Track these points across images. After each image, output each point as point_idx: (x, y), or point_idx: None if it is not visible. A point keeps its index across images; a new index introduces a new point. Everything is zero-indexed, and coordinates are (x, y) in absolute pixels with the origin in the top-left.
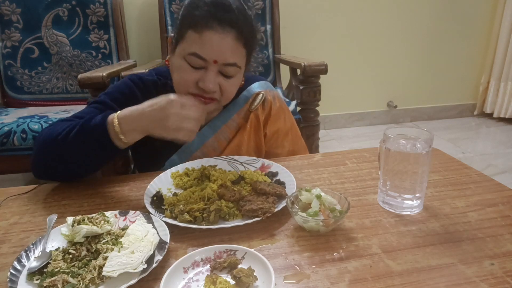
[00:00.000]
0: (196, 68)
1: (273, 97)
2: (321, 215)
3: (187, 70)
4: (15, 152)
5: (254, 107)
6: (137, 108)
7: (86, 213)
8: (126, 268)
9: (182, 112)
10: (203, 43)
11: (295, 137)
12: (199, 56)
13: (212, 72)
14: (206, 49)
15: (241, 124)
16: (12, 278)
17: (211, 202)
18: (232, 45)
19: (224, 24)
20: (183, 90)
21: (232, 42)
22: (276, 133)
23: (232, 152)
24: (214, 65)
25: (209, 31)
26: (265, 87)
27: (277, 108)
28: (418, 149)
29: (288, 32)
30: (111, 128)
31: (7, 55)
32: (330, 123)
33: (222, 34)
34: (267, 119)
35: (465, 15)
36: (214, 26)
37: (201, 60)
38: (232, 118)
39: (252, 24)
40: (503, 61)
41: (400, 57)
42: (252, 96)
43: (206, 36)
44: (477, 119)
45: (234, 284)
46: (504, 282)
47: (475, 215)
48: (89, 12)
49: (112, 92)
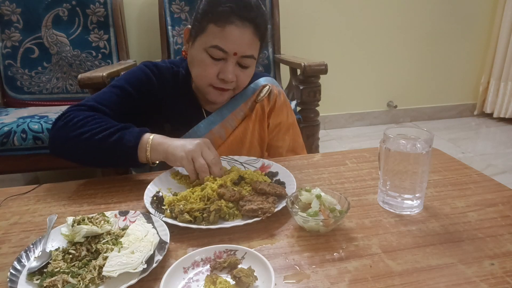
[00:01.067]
0: (217, 60)
1: (279, 92)
2: (321, 215)
3: (208, 63)
4: (15, 152)
5: (260, 98)
6: (169, 145)
7: (86, 213)
8: (126, 268)
9: (206, 154)
10: (225, 37)
11: (296, 134)
12: (221, 49)
13: (232, 64)
14: (228, 42)
15: (247, 114)
16: (12, 278)
17: (211, 202)
18: (250, 39)
19: (244, 20)
20: (205, 83)
21: (250, 36)
22: (278, 126)
23: (236, 139)
24: (234, 57)
25: (230, 26)
26: (271, 82)
27: (281, 102)
28: (418, 149)
29: (288, 32)
30: (142, 149)
31: (7, 55)
32: (330, 123)
33: (242, 29)
34: (271, 111)
35: (465, 15)
36: (235, 22)
37: (222, 52)
38: (240, 107)
39: (266, 19)
40: (503, 61)
41: (400, 57)
42: (259, 88)
43: (228, 31)
44: (477, 119)
45: (234, 284)
46: (504, 282)
47: (475, 215)
48: (89, 12)
49: (130, 78)
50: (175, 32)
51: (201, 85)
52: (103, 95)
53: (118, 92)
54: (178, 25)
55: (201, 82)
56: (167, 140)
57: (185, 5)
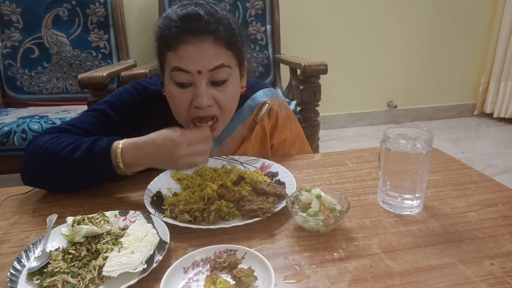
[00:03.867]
0: (185, 86)
1: (279, 106)
2: (321, 215)
3: (177, 93)
4: (15, 152)
5: (259, 118)
6: (140, 146)
7: (86, 213)
8: (126, 268)
9: (191, 151)
10: (181, 58)
11: (302, 143)
12: (181, 69)
13: (201, 85)
14: (186, 63)
15: (246, 135)
16: (12, 278)
17: (211, 202)
18: (212, 50)
19: (196, 33)
20: (183, 118)
21: (211, 47)
22: (283, 143)
23: None
24: (200, 76)
25: (183, 45)
26: (270, 95)
27: (283, 117)
28: (418, 149)
29: (288, 32)
30: (113, 157)
31: (7, 55)
32: (330, 123)
33: (197, 44)
34: (273, 129)
35: (465, 15)
36: (187, 39)
37: (185, 73)
38: (237, 130)
39: (229, 23)
40: (503, 61)
41: (400, 57)
42: (258, 106)
43: (182, 51)
44: (477, 119)
45: (234, 284)
46: (504, 282)
47: (475, 215)
48: (89, 12)
49: (113, 101)
50: None
51: (183, 123)
52: (80, 118)
53: (98, 115)
54: None
55: (181, 120)
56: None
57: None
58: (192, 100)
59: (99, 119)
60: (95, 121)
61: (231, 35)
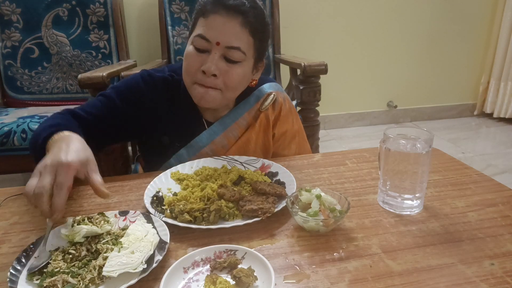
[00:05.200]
0: (201, 51)
1: (284, 99)
2: (321, 215)
3: (192, 55)
4: (15, 152)
5: (264, 107)
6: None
7: (86, 213)
8: (126, 268)
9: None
10: (208, 25)
11: (302, 140)
12: (203, 37)
13: (215, 55)
14: (210, 31)
15: (251, 123)
16: (12, 278)
17: (211, 202)
18: (237, 30)
19: (230, 9)
20: (189, 79)
21: (237, 26)
22: (284, 135)
23: (239, 149)
24: (217, 47)
25: (214, 15)
26: (276, 89)
27: (286, 110)
28: (418, 149)
29: (288, 32)
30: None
31: (7, 55)
32: (330, 123)
33: (226, 18)
34: (276, 120)
35: (465, 15)
36: (220, 11)
37: (205, 41)
38: (243, 117)
39: (262, 16)
40: (503, 61)
41: (400, 57)
42: (264, 96)
43: (211, 19)
44: (477, 119)
45: (234, 284)
46: (504, 282)
47: (475, 215)
48: (89, 12)
49: (119, 86)
50: (175, 32)
51: (187, 83)
52: (90, 102)
53: (102, 99)
54: (178, 25)
55: (186, 79)
56: (64, 143)
57: (185, 5)
58: (202, 64)
59: (103, 103)
60: (98, 105)
61: (259, 24)
